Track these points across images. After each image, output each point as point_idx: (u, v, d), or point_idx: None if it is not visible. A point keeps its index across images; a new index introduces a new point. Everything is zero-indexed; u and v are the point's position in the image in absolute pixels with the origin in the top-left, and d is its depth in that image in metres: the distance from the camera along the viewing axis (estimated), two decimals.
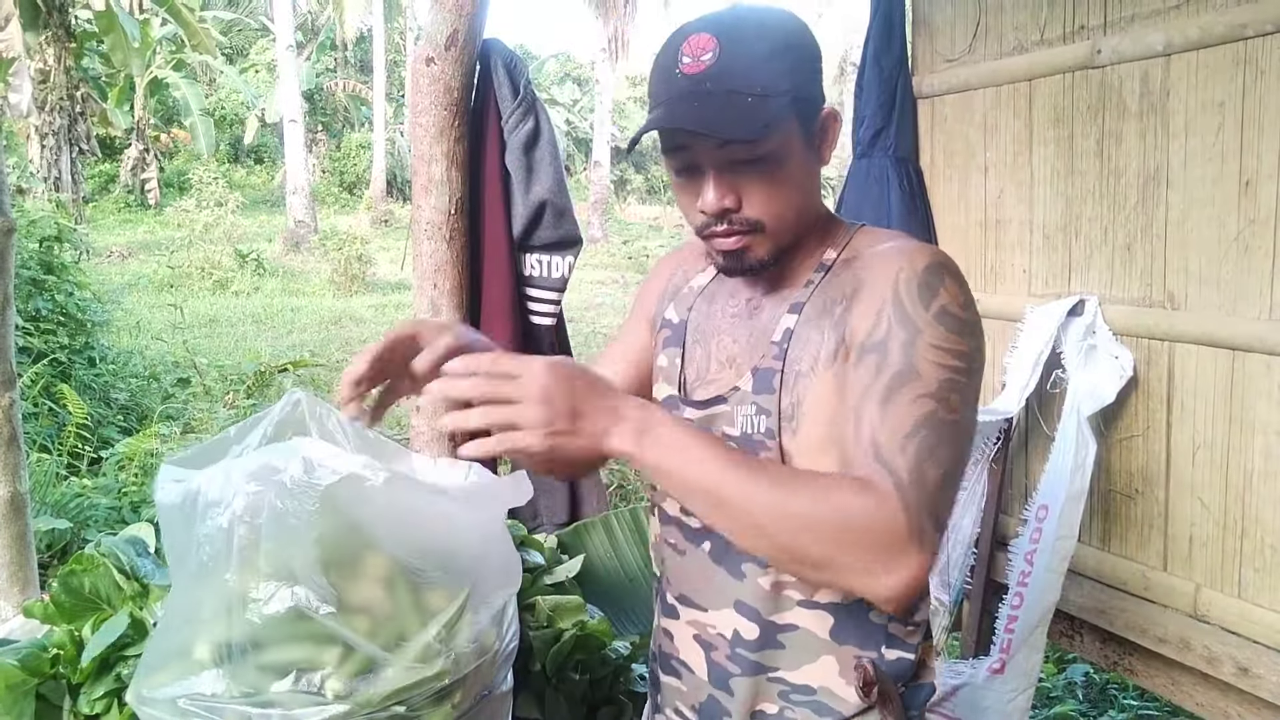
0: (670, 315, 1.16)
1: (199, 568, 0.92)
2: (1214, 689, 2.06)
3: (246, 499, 0.89)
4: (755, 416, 1.00)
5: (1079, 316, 2.23)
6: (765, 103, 0.93)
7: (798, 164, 0.98)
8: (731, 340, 1.08)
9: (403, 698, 0.91)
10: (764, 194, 0.97)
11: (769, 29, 0.97)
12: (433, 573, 0.98)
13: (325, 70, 26.94)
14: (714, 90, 0.94)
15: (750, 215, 0.98)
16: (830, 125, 1.02)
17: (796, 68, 0.97)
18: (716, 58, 0.94)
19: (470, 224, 2.26)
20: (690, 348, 1.12)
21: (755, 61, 0.95)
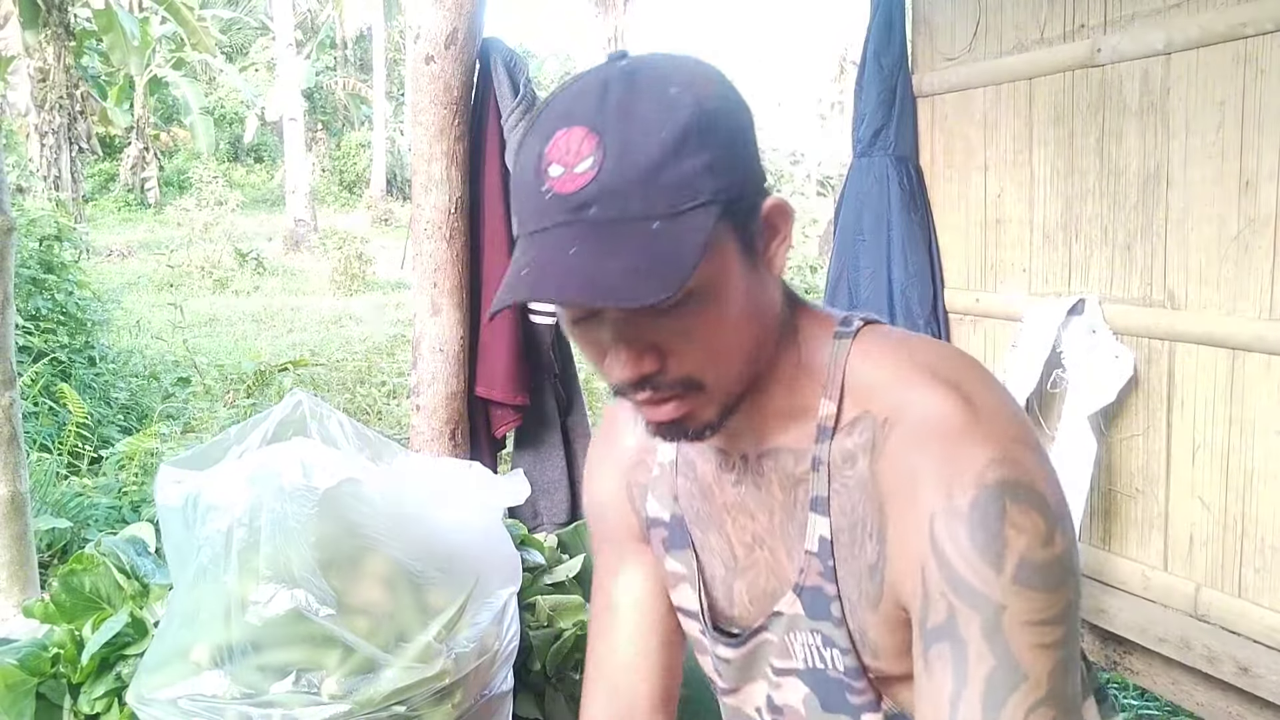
0: (657, 512, 0.90)
1: (199, 570, 0.92)
2: (1214, 688, 2.06)
3: (246, 502, 0.89)
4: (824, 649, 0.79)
5: (1079, 316, 2.23)
6: (682, 225, 0.66)
7: (738, 293, 0.70)
8: (749, 518, 0.83)
9: (403, 697, 0.91)
10: (695, 346, 0.70)
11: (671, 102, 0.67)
12: (433, 573, 0.98)
13: (325, 69, 26.91)
14: (602, 219, 0.66)
15: (680, 375, 0.71)
16: (779, 221, 0.74)
17: (721, 156, 0.68)
18: (599, 166, 0.65)
19: (470, 223, 2.26)
20: (701, 541, 0.87)
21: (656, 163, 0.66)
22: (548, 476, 2.37)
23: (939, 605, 0.68)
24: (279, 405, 1.15)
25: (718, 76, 0.72)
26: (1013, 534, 0.66)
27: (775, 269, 0.74)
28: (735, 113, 0.71)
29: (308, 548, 0.90)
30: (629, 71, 0.69)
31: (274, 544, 0.89)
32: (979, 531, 0.67)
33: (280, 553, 0.90)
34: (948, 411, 0.71)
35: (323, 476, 0.90)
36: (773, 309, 0.75)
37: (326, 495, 0.90)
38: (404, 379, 7.02)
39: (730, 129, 0.70)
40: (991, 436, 0.69)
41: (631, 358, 0.70)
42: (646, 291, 0.64)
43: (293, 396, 1.13)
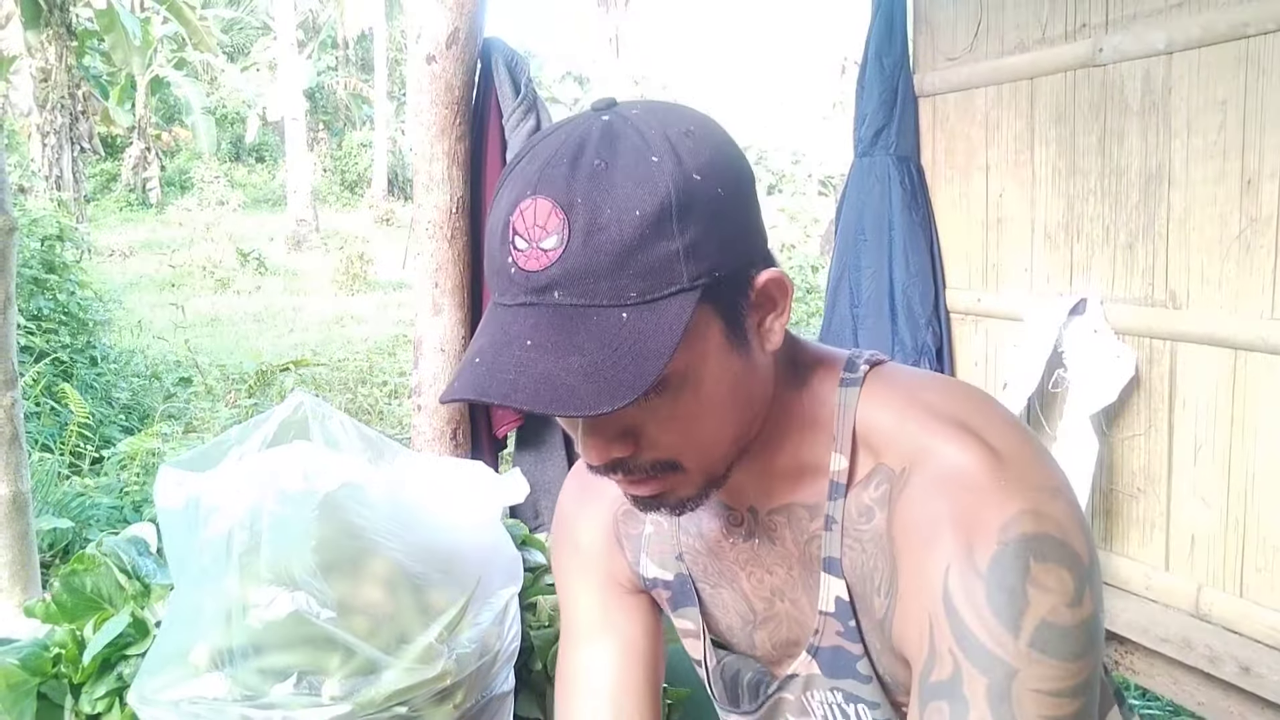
0: (656, 573, 0.85)
1: (200, 573, 0.92)
2: (1216, 688, 2.05)
3: (246, 505, 0.89)
4: (847, 705, 0.76)
5: (1081, 315, 2.23)
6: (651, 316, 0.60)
7: (720, 375, 0.65)
8: (765, 571, 0.79)
9: (404, 698, 0.91)
10: (670, 433, 0.65)
11: (649, 174, 0.60)
12: (434, 574, 0.98)
13: (326, 69, 26.93)
14: (564, 304, 0.60)
15: (659, 458, 0.67)
16: (776, 294, 0.67)
17: (703, 235, 0.61)
18: (564, 246, 0.59)
19: (471, 223, 2.26)
20: (711, 596, 0.83)
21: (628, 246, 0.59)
22: (548, 476, 2.37)
23: (945, 661, 0.62)
24: (280, 406, 1.15)
25: (713, 137, 0.65)
26: (1036, 594, 0.60)
27: (770, 344, 0.68)
28: (728, 180, 0.64)
29: (309, 550, 0.90)
30: (610, 132, 0.62)
31: (275, 547, 0.89)
32: (998, 590, 0.61)
33: (281, 555, 0.90)
34: (971, 461, 0.65)
35: (324, 479, 0.90)
36: (763, 386, 0.70)
37: (328, 498, 0.90)
38: (405, 379, 7.03)
39: (719, 202, 0.62)
40: (1019, 487, 0.63)
41: (600, 445, 0.65)
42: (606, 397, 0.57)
43: (294, 397, 1.13)
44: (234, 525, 0.90)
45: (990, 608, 0.60)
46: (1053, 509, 0.63)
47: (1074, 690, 0.60)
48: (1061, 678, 0.60)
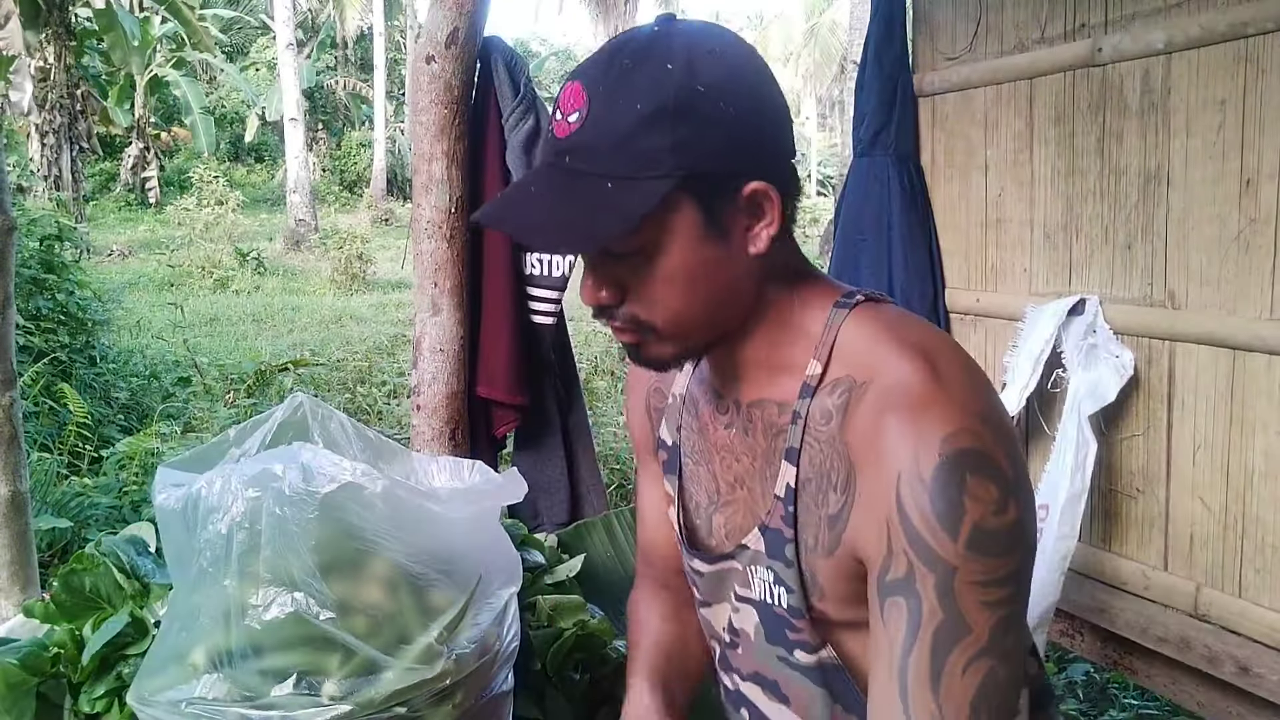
0: (664, 435, 1.02)
1: (199, 573, 0.92)
2: (1214, 688, 2.06)
3: (245, 505, 0.89)
4: (773, 586, 0.87)
5: (1080, 316, 2.23)
6: (631, 190, 0.74)
7: (691, 258, 0.78)
8: (734, 459, 0.91)
9: (404, 699, 0.91)
10: (644, 292, 0.79)
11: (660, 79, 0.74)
12: (434, 574, 0.98)
13: (326, 68, 26.92)
14: (570, 168, 0.76)
15: (634, 314, 0.81)
16: (763, 203, 0.79)
17: (692, 136, 0.74)
18: (581, 122, 0.75)
19: (470, 222, 2.25)
20: (691, 471, 0.97)
21: (628, 131, 0.74)
22: (548, 476, 2.37)
23: (900, 561, 0.75)
24: (280, 406, 1.15)
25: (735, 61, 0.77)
26: (970, 503, 0.73)
27: (755, 248, 0.80)
28: (732, 97, 0.75)
29: (308, 551, 0.90)
30: (651, 39, 0.76)
31: (274, 548, 0.89)
32: (939, 499, 0.73)
33: (280, 556, 0.90)
34: (916, 380, 0.77)
35: (323, 480, 0.90)
36: (738, 280, 0.81)
37: (327, 499, 0.90)
38: (404, 379, 7.02)
39: (715, 113, 0.75)
40: (956, 408, 0.75)
41: (591, 287, 0.80)
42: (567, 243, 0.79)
43: (294, 398, 1.13)
44: (232, 525, 0.90)
45: (934, 514, 0.73)
46: (984, 430, 0.75)
47: (1005, 579, 0.74)
48: (992, 570, 0.73)
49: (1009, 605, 0.75)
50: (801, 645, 0.87)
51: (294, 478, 0.90)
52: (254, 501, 0.89)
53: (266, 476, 0.90)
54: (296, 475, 0.89)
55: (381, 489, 0.91)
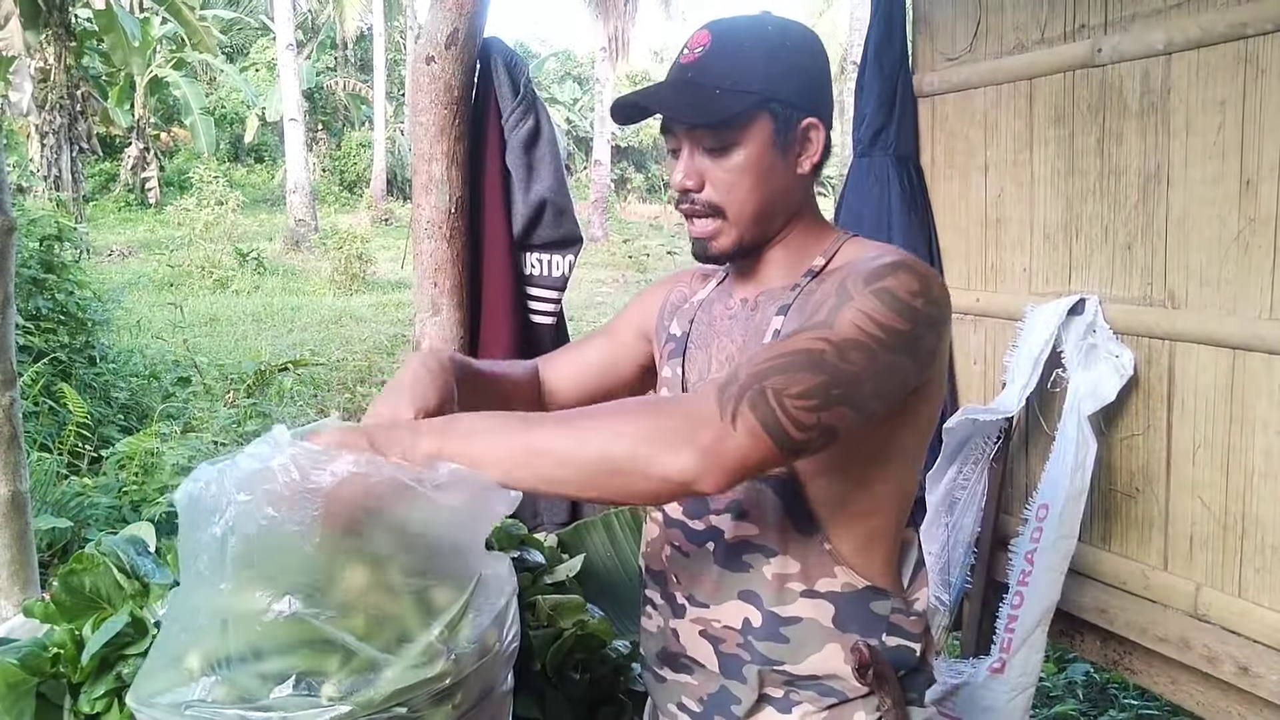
0: (674, 329, 1.22)
1: (196, 576, 0.92)
2: (1214, 688, 2.06)
3: (238, 508, 0.89)
4: None
5: (1079, 315, 2.23)
6: (730, 97, 1.02)
7: (763, 161, 1.05)
8: (729, 341, 1.13)
9: (404, 699, 0.90)
10: (724, 181, 1.05)
11: (763, 34, 1.04)
12: (434, 574, 0.98)
13: (325, 69, 26.92)
14: (692, 80, 1.04)
15: (710, 199, 1.06)
16: (812, 136, 1.07)
17: (776, 72, 1.03)
18: (706, 52, 1.04)
19: (470, 223, 2.25)
20: (692, 354, 1.17)
21: (735, 60, 1.03)
22: None
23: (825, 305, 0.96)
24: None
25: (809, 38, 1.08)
26: (892, 279, 0.95)
27: (802, 169, 1.08)
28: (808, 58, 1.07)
29: (305, 552, 0.90)
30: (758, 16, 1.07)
31: (271, 549, 0.89)
32: (873, 272, 0.96)
33: (278, 557, 0.90)
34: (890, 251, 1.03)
35: (320, 477, 0.89)
36: (786, 190, 1.08)
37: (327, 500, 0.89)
38: None
39: (793, 65, 1.05)
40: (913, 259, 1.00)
41: (685, 171, 1.06)
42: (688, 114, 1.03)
43: None
44: (226, 529, 0.89)
45: (863, 277, 0.96)
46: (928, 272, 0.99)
47: (884, 329, 0.92)
48: (879, 316, 0.92)
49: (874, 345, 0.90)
50: None
51: (288, 477, 0.89)
52: (245, 503, 0.89)
53: (259, 476, 0.89)
54: (291, 474, 0.89)
55: (381, 486, 0.91)
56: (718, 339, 1.14)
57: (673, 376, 1.18)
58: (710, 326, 1.16)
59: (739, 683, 1.09)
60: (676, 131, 1.06)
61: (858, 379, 0.89)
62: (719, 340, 1.14)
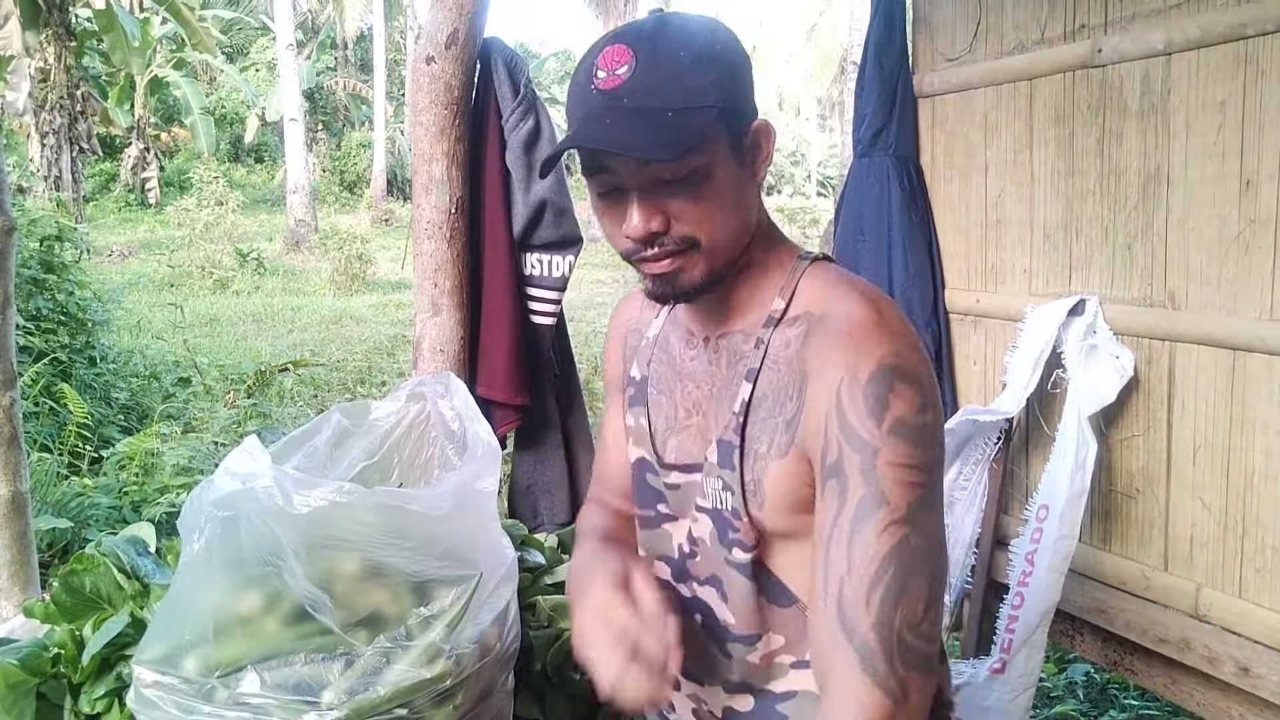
0: (634, 373, 1.13)
1: (194, 580, 0.92)
2: (1214, 689, 2.06)
3: (221, 523, 0.89)
4: (722, 492, 0.98)
5: (1079, 316, 2.23)
6: (688, 117, 0.88)
7: (727, 180, 0.93)
8: (694, 386, 1.04)
9: (405, 700, 0.91)
10: (694, 212, 0.91)
11: (692, 37, 0.91)
12: (434, 574, 0.98)
13: (325, 69, 26.92)
14: (631, 106, 0.88)
15: (682, 234, 0.92)
16: (763, 140, 0.96)
17: (723, 78, 0.91)
18: (633, 71, 0.88)
19: (471, 223, 2.26)
20: (654, 400, 1.09)
21: (676, 73, 0.88)
22: (548, 476, 2.37)
23: (833, 448, 0.88)
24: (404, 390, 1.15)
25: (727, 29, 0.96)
26: (894, 401, 0.86)
27: (757, 176, 0.97)
28: (739, 55, 0.94)
29: (300, 560, 0.90)
30: (661, 17, 0.93)
31: (272, 550, 0.89)
32: (870, 397, 0.87)
33: (279, 559, 0.90)
34: (864, 314, 0.92)
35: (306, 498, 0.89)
36: (752, 207, 0.97)
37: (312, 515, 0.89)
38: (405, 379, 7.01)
39: (733, 63, 0.92)
40: (893, 336, 0.90)
41: (644, 218, 0.90)
42: (655, 150, 0.85)
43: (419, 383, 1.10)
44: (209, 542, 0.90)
45: (865, 408, 0.86)
46: (913, 356, 0.90)
47: (919, 467, 0.86)
48: (910, 456, 0.86)
49: (924, 489, 0.86)
50: (739, 544, 0.98)
51: (273, 496, 0.89)
52: (227, 518, 0.89)
53: (239, 496, 0.89)
54: (276, 496, 0.89)
55: (372, 504, 0.91)
56: (681, 382, 1.06)
57: (636, 426, 1.10)
58: (670, 367, 1.08)
59: None
60: (616, 169, 0.90)
61: (936, 539, 0.88)
62: (683, 384, 1.05)
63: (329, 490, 0.89)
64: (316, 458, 1.16)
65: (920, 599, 0.84)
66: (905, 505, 0.85)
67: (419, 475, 1.27)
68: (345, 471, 1.19)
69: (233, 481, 0.91)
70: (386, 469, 1.25)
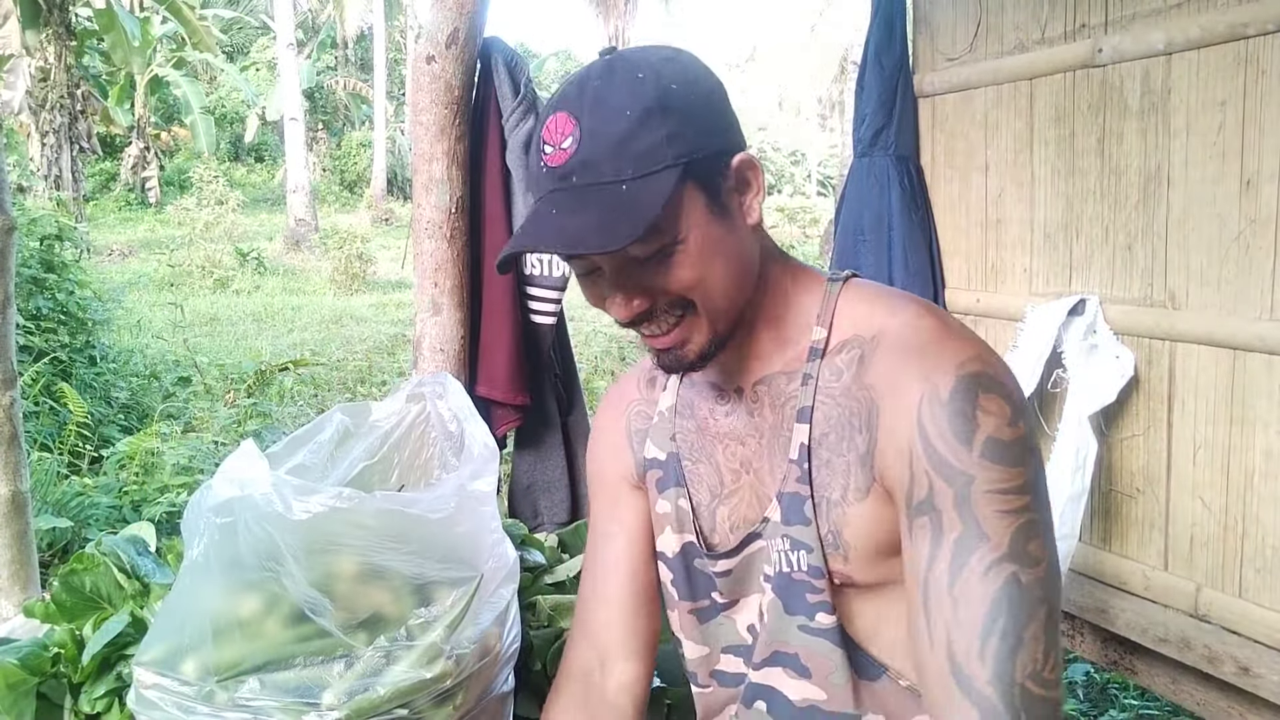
0: (653, 454, 1.00)
1: (194, 585, 0.92)
2: (1215, 688, 2.06)
3: (219, 529, 0.89)
4: (792, 553, 0.87)
5: (1080, 316, 2.23)
6: (644, 186, 0.78)
7: (710, 237, 0.82)
8: (739, 444, 0.93)
9: (405, 700, 0.91)
10: (680, 280, 0.82)
11: (639, 86, 0.80)
12: (434, 575, 0.98)
13: (326, 68, 26.92)
14: (580, 184, 0.79)
15: (672, 301, 0.84)
16: (749, 174, 0.85)
17: (681, 127, 0.80)
18: (578, 143, 0.79)
19: (471, 223, 2.26)
20: (692, 472, 0.97)
21: (623, 136, 0.78)
22: (548, 476, 2.37)
23: (922, 482, 0.79)
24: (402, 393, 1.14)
25: (686, 60, 0.84)
26: (983, 417, 0.78)
27: (752, 218, 0.86)
28: (698, 88, 0.83)
29: (300, 564, 0.90)
30: (608, 64, 0.82)
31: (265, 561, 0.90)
32: (956, 416, 0.78)
33: (273, 568, 0.90)
34: (929, 324, 0.84)
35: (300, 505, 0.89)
36: (748, 253, 0.87)
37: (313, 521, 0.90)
38: (405, 379, 7.01)
39: (690, 103, 0.81)
40: (965, 341, 0.83)
41: (624, 301, 0.83)
42: (612, 238, 0.76)
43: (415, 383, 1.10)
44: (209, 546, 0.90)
45: (951, 430, 0.78)
46: (991, 357, 0.82)
47: (1020, 488, 0.77)
48: (1007, 478, 0.77)
49: (1027, 513, 0.77)
50: (823, 607, 0.87)
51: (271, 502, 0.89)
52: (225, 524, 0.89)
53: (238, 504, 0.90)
54: (275, 503, 0.89)
55: (371, 510, 0.91)
56: (721, 444, 0.94)
57: (674, 511, 0.97)
58: (702, 433, 0.96)
59: None
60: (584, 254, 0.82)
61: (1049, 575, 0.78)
62: (724, 445, 0.94)
63: (328, 496, 0.89)
64: (320, 455, 1.16)
65: (1039, 642, 0.75)
66: (1008, 539, 0.76)
67: (419, 476, 1.28)
68: (346, 472, 1.19)
69: (231, 487, 0.91)
70: (387, 469, 1.25)
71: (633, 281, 0.83)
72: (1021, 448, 0.78)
